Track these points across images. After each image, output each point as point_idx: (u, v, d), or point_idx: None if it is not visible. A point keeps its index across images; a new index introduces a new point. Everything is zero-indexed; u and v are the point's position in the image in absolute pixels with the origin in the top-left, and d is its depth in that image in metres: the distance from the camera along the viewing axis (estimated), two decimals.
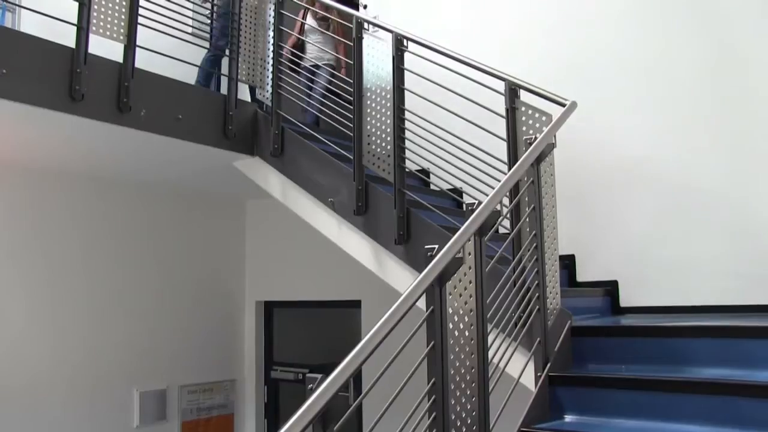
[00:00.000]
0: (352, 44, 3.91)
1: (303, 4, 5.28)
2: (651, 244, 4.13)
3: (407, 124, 3.76)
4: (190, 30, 4.38)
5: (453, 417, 2.21)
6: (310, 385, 1.74)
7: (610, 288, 4.24)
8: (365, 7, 5.84)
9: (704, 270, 3.87)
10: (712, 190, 3.93)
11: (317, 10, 5.53)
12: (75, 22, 3.65)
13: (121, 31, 3.88)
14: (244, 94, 4.68)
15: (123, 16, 3.88)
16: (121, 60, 3.88)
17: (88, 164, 5.15)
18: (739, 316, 3.33)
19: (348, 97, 4.02)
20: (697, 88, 4.12)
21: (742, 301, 3.72)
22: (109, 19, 3.81)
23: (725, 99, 4.02)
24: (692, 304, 3.80)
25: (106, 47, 3.81)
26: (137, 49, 3.92)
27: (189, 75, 4.26)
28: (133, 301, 5.72)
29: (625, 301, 4.16)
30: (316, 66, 5.42)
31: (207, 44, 5.10)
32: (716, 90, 4.06)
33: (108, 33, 3.81)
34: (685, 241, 3.45)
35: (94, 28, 3.72)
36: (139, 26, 3.94)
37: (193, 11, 4.51)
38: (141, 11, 3.96)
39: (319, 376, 1.76)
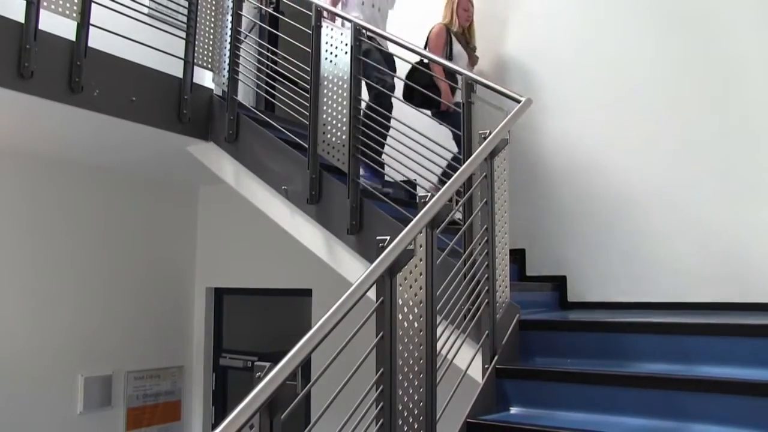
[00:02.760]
0: None
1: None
2: (600, 240, 4.22)
3: (363, 114, 3.75)
4: (146, 11, 4.29)
5: (400, 407, 2.23)
6: (258, 374, 1.74)
7: (559, 283, 4.32)
8: None
9: (652, 268, 3.97)
10: (661, 189, 4.03)
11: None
12: None
13: (75, 8, 3.78)
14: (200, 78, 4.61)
15: None
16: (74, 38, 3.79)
17: (36, 145, 5.02)
18: (684, 314, 3.42)
19: (305, 84, 4.00)
20: (650, 85, 4.20)
21: (689, 298, 3.83)
22: None
23: (676, 98, 4.11)
24: (639, 300, 3.89)
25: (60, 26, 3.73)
26: (93, 29, 3.83)
27: (146, 58, 4.17)
28: (80, 285, 5.61)
29: (573, 296, 4.24)
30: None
31: (164, 26, 5.00)
32: (668, 87, 4.15)
33: (60, 9, 3.71)
34: (633, 238, 3.53)
35: (45, 3, 3.62)
36: (93, 4, 3.85)
37: None
38: None
39: (268, 364, 1.76)
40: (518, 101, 3.36)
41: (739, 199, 2.90)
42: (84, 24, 3.80)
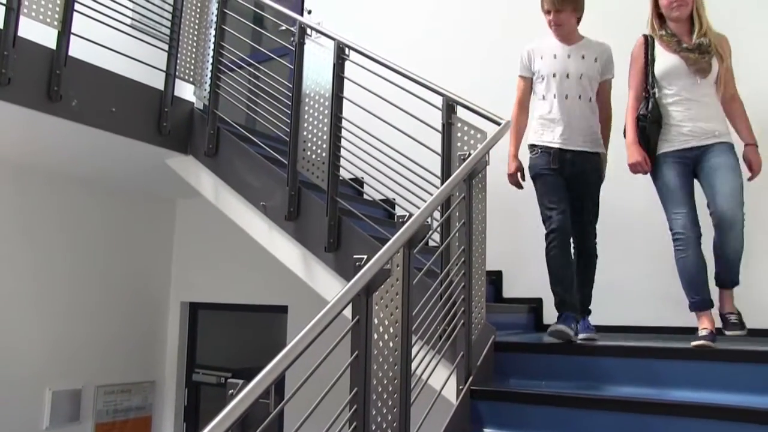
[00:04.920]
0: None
1: None
2: None
3: (344, 133, 3.76)
4: (129, 22, 4.28)
5: (374, 427, 2.22)
6: (230, 391, 1.72)
7: (535, 305, 4.33)
8: (309, 12, 5.83)
9: (625, 292, 4.00)
10: (634, 213, 4.07)
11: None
12: (4, 1, 3.53)
13: (56, 16, 3.76)
14: (181, 91, 4.60)
15: (58, 1, 3.76)
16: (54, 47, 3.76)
17: (12, 153, 4.96)
18: (657, 338, 3.45)
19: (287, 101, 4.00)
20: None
21: (660, 323, 3.86)
22: (43, 2, 3.69)
23: None
24: (612, 324, 3.91)
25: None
26: (74, 38, 3.81)
27: (128, 69, 4.16)
28: (50, 295, 5.53)
29: (548, 318, 4.25)
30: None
31: (146, 37, 5.00)
32: None
33: (41, 17, 3.69)
34: (607, 264, 3.55)
35: (25, 10, 3.60)
36: (75, 13, 3.83)
37: (134, 2, 4.40)
38: None
39: (241, 381, 1.74)
40: (498, 123, 3.38)
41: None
42: (65, 32, 3.78)
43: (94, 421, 5.83)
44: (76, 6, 3.85)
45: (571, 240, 3.38)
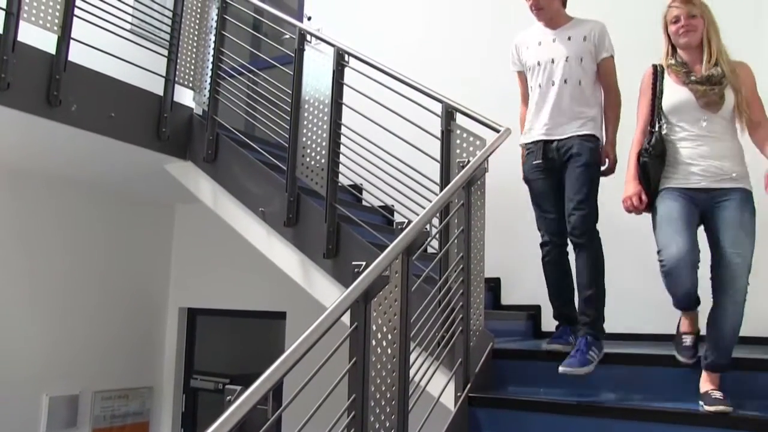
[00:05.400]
0: None
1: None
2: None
3: (343, 139, 3.76)
4: (128, 27, 4.29)
5: None
6: (228, 397, 1.72)
7: (533, 312, 4.33)
8: (309, 18, 5.84)
9: (619, 299, 3.98)
10: (626, 222, 4.06)
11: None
12: (4, 6, 3.53)
13: (56, 21, 3.77)
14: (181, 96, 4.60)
15: (58, 6, 3.77)
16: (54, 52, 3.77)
17: (11, 158, 4.96)
18: (655, 345, 3.44)
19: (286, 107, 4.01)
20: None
21: (653, 330, 3.85)
22: (43, 7, 3.70)
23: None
24: (613, 332, 3.91)
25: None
26: (74, 42, 3.82)
27: (127, 74, 4.17)
28: (48, 300, 5.51)
29: (547, 326, 4.24)
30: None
31: (146, 43, 5.01)
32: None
33: (41, 22, 3.70)
34: (607, 272, 3.54)
35: (25, 15, 3.60)
36: (75, 18, 3.83)
37: (134, 8, 4.41)
38: (79, 3, 3.85)
39: (239, 387, 1.74)
40: (497, 130, 3.39)
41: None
42: (64, 37, 3.78)
43: (92, 427, 5.81)
44: (76, 11, 3.85)
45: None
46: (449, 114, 3.44)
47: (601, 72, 3.15)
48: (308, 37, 4.03)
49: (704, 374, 2.64)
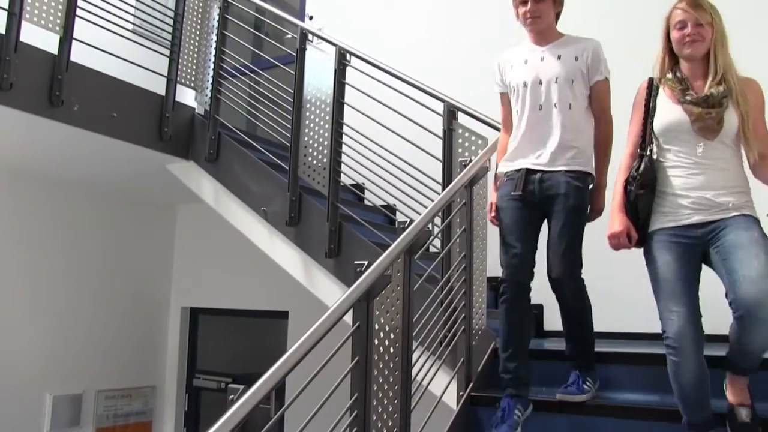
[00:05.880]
0: None
1: None
2: None
3: (345, 138, 3.77)
4: (130, 27, 4.29)
5: None
6: (231, 396, 1.73)
7: (535, 311, 4.31)
8: (311, 18, 5.84)
9: (619, 298, 3.98)
10: None
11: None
12: (6, 6, 3.54)
13: (58, 21, 3.77)
14: (183, 96, 4.61)
15: (60, 6, 3.78)
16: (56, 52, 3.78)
17: (13, 158, 4.97)
18: (658, 344, 3.44)
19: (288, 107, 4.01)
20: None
21: (651, 329, 3.84)
22: (45, 7, 3.70)
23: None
24: (608, 330, 3.90)
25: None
26: (76, 43, 3.83)
27: (129, 74, 4.17)
28: (51, 300, 5.52)
29: (549, 325, 4.24)
30: None
31: (148, 43, 5.02)
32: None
33: (43, 22, 3.70)
34: (603, 270, 3.53)
35: (27, 16, 3.61)
36: (77, 18, 3.84)
37: (135, 8, 4.42)
38: (81, 3, 3.86)
39: (241, 387, 1.74)
40: (499, 129, 3.38)
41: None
42: (66, 38, 3.79)
43: (95, 426, 5.82)
44: (78, 11, 3.86)
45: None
46: (451, 113, 3.44)
47: (593, 97, 2.76)
48: (310, 37, 4.03)
49: (730, 378, 2.38)
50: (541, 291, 3.30)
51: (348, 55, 3.80)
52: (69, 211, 5.68)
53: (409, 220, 2.62)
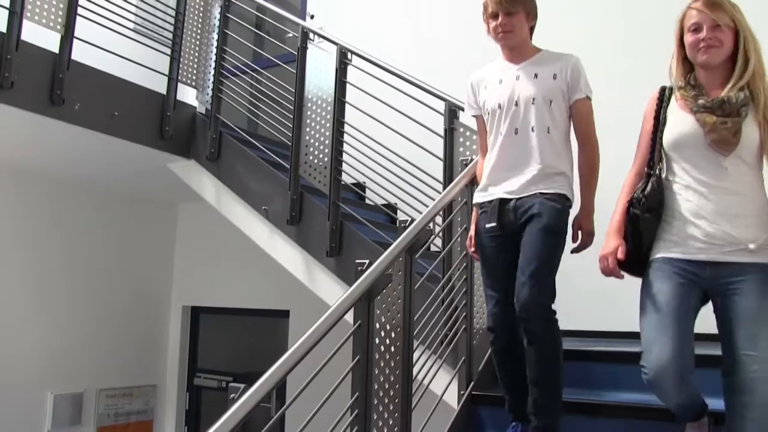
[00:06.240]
0: None
1: None
2: (572, 270, 4.21)
3: (346, 137, 3.77)
4: (132, 26, 4.30)
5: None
6: (232, 395, 1.73)
7: None
8: (312, 17, 5.84)
9: (616, 298, 3.98)
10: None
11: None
12: (7, 5, 3.54)
13: (59, 20, 3.77)
14: (184, 95, 4.61)
15: (61, 5, 3.78)
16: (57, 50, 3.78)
17: (14, 156, 4.97)
18: None
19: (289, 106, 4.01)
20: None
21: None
22: (46, 6, 3.70)
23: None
24: (606, 329, 3.90)
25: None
26: (77, 41, 3.83)
27: (130, 73, 4.18)
28: (53, 299, 5.52)
29: None
30: None
31: (149, 42, 5.02)
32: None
33: (44, 20, 3.71)
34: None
35: (28, 14, 3.61)
36: (78, 17, 3.84)
37: (137, 7, 4.42)
38: (82, 1, 3.86)
39: (242, 386, 1.74)
40: None
41: None
42: (68, 36, 3.79)
43: (96, 425, 5.82)
44: (79, 10, 3.86)
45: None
46: (452, 112, 3.43)
47: (575, 117, 2.52)
48: (311, 36, 4.03)
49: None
50: None
51: (349, 54, 3.79)
52: (70, 210, 5.68)
53: (410, 219, 2.61)
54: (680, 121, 2.12)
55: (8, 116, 3.73)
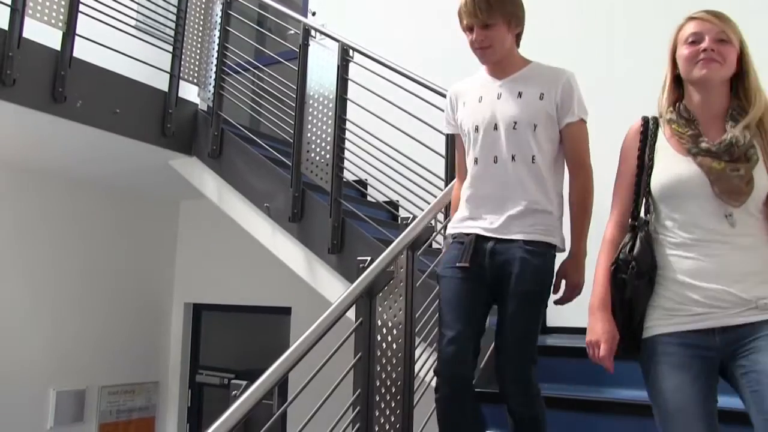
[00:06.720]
0: None
1: None
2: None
3: (348, 135, 3.76)
4: (133, 23, 4.30)
5: (377, 429, 2.22)
6: (234, 392, 1.73)
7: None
8: (314, 14, 5.83)
9: None
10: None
11: None
12: (9, 2, 3.54)
13: (61, 17, 3.77)
14: (185, 92, 4.61)
15: (63, 2, 3.78)
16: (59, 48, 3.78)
17: (15, 154, 4.97)
18: None
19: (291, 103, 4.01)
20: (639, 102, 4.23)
21: None
22: (48, 3, 3.70)
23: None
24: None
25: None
26: (79, 39, 3.83)
27: (132, 70, 4.18)
28: (55, 296, 5.53)
29: (551, 321, 4.24)
30: None
31: (151, 39, 5.01)
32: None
33: (46, 18, 3.70)
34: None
35: (30, 12, 3.61)
36: (80, 14, 3.84)
37: (138, 4, 4.42)
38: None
39: (244, 383, 1.75)
40: None
41: None
42: (69, 34, 3.79)
43: (98, 422, 5.83)
44: (81, 7, 3.86)
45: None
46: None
47: (566, 143, 2.18)
48: (313, 33, 4.02)
49: None
50: None
51: (351, 51, 3.79)
52: (71, 208, 5.68)
53: (412, 216, 2.61)
54: (674, 165, 1.76)
55: (10, 114, 3.73)
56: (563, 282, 2.20)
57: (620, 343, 1.80)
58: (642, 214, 1.84)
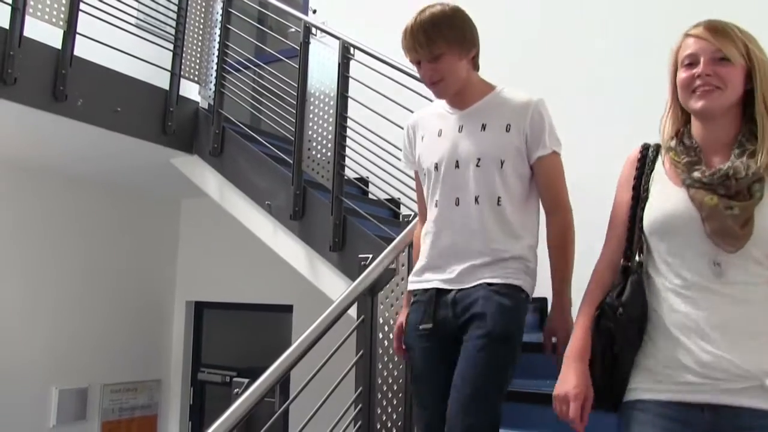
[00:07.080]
0: None
1: None
2: (579, 265, 4.21)
3: (349, 132, 3.76)
4: (134, 21, 4.30)
5: (378, 426, 2.22)
6: (236, 390, 1.74)
7: (539, 305, 4.31)
8: (314, 11, 5.83)
9: None
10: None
11: None
12: (9, 1, 3.54)
13: (61, 15, 3.77)
14: (186, 91, 4.61)
15: (64, 0, 3.78)
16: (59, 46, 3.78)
17: (16, 153, 4.97)
18: None
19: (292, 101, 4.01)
20: (638, 106, 4.22)
21: None
22: (48, 2, 3.70)
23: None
24: None
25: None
26: (80, 37, 3.83)
27: (133, 69, 4.18)
28: (57, 294, 5.53)
29: None
30: None
31: (151, 37, 5.01)
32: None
33: (46, 16, 3.70)
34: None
35: (30, 10, 3.61)
36: (81, 13, 3.84)
37: (139, 2, 4.42)
38: None
39: (246, 380, 1.75)
40: None
41: None
42: (70, 32, 3.79)
43: (100, 420, 5.84)
44: (82, 6, 3.86)
45: None
46: None
47: (539, 180, 1.95)
48: (313, 30, 4.02)
49: None
50: (544, 284, 3.31)
51: (352, 49, 3.79)
52: (72, 206, 5.69)
53: (413, 213, 2.61)
54: (667, 197, 1.52)
55: (11, 112, 3.73)
56: (553, 339, 1.97)
57: (595, 396, 1.57)
58: (638, 253, 1.58)
